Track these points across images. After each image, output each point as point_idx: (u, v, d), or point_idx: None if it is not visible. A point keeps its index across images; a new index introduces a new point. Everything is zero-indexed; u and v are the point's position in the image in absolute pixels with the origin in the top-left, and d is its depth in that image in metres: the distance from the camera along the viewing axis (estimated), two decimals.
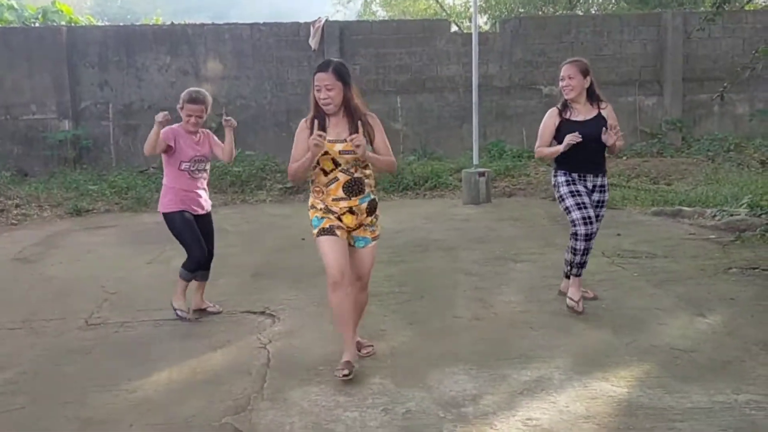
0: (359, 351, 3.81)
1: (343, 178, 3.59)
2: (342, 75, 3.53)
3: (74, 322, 4.75)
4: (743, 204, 7.16)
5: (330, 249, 3.55)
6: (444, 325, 4.40)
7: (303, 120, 3.70)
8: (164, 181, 4.72)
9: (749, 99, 12.85)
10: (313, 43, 12.02)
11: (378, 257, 6.13)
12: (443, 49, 12.50)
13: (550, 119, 4.62)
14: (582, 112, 4.53)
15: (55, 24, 13.09)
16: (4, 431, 3.16)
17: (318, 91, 3.52)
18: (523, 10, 18.08)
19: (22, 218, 8.98)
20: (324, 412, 3.19)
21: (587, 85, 4.49)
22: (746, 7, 13.23)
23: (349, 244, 3.69)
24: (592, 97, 4.55)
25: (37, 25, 13.33)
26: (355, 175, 3.59)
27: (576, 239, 4.47)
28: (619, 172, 10.37)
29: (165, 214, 4.61)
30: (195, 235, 4.58)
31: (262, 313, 4.78)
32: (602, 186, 4.60)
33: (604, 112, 4.54)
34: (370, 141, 3.60)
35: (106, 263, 6.47)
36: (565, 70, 4.49)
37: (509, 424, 3.02)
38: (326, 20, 12.29)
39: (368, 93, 11.84)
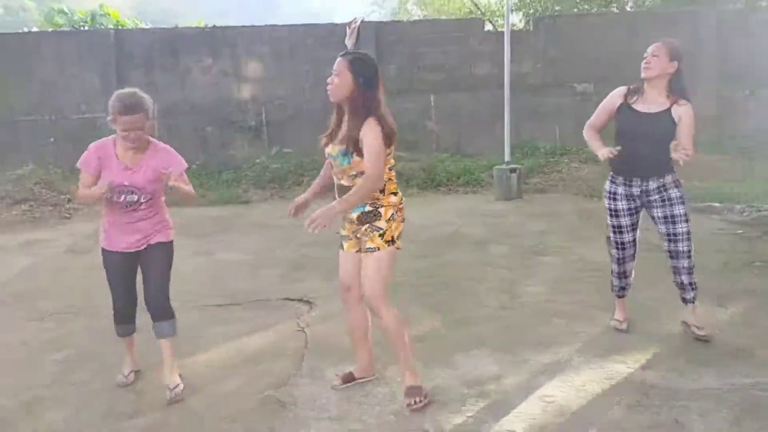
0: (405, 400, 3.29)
1: (336, 182, 3.34)
2: (355, 67, 3.14)
3: None
4: None
5: (340, 262, 3.46)
6: (471, 314, 4.63)
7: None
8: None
9: None
10: (349, 43, 12.30)
11: (411, 251, 6.44)
12: (477, 48, 12.67)
13: (612, 97, 4.00)
14: (649, 102, 3.88)
15: (103, 27, 13.64)
16: (73, 400, 3.51)
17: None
18: (558, 8, 18.10)
19: (74, 212, 9.48)
20: (357, 388, 3.47)
21: (671, 70, 3.82)
22: None
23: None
24: (674, 89, 3.85)
25: (86, 28, 13.91)
26: (341, 182, 3.22)
27: (611, 259, 4.24)
28: None
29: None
30: (116, 281, 3.68)
31: (300, 300, 5.08)
32: (661, 188, 3.91)
33: (676, 111, 3.82)
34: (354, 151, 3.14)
35: None
36: (651, 48, 3.87)
37: (528, 400, 3.26)
38: (362, 21, 12.58)
39: (403, 92, 12.09)
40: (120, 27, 14.02)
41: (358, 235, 3.28)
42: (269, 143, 12.50)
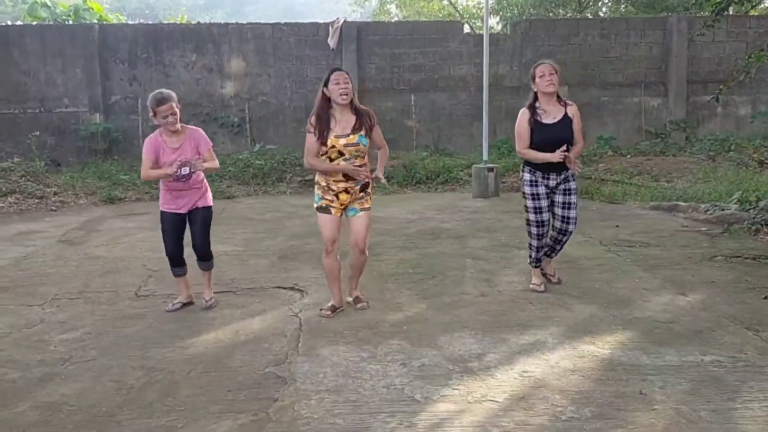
0: (356, 305, 4.76)
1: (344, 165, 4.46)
2: (351, 79, 4.46)
3: (125, 293, 5.35)
4: (734, 199, 7.68)
5: (325, 224, 4.55)
6: (453, 300, 4.96)
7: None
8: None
9: (751, 101, 13.35)
10: (331, 42, 12.60)
11: (399, 243, 6.80)
12: (456, 50, 13.04)
13: (525, 120, 4.87)
14: (551, 114, 4.82)
15: (87, 22, 13.72)
16: (84, 376, 3.76)
17: (336, 84, 4.30)
18: (534, 11, 18.56)
19: (60, 205, 9.63)
20: (351, 365, 3.77)
21: (559, 84, 4.86)
22: (750, 12, 13.67)
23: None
24: (558, 97, 4.89)
25: (70, 22, 13.98)
26: (355, 163, 4.43)
27: (530, 236, 5.06)
28: (622, 170, 10.92)
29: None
30: (169, 234, 4.79)
31: (292, 288, 5.37)
32: (566, 180, 4.89)
33: (570, 111, 4.84)
34: (368, 134, 4.46)
35: (145, 245, 7.07)
36: (545, 68, 4.77)
37: (508, 375, 3.59)
38: (344, 21, 12.87)
39: (383, 91, 12.42)
40: (103, 21, 14.12)
41: (356, 199, 4.52)
42: (252, 139, 12.73)
